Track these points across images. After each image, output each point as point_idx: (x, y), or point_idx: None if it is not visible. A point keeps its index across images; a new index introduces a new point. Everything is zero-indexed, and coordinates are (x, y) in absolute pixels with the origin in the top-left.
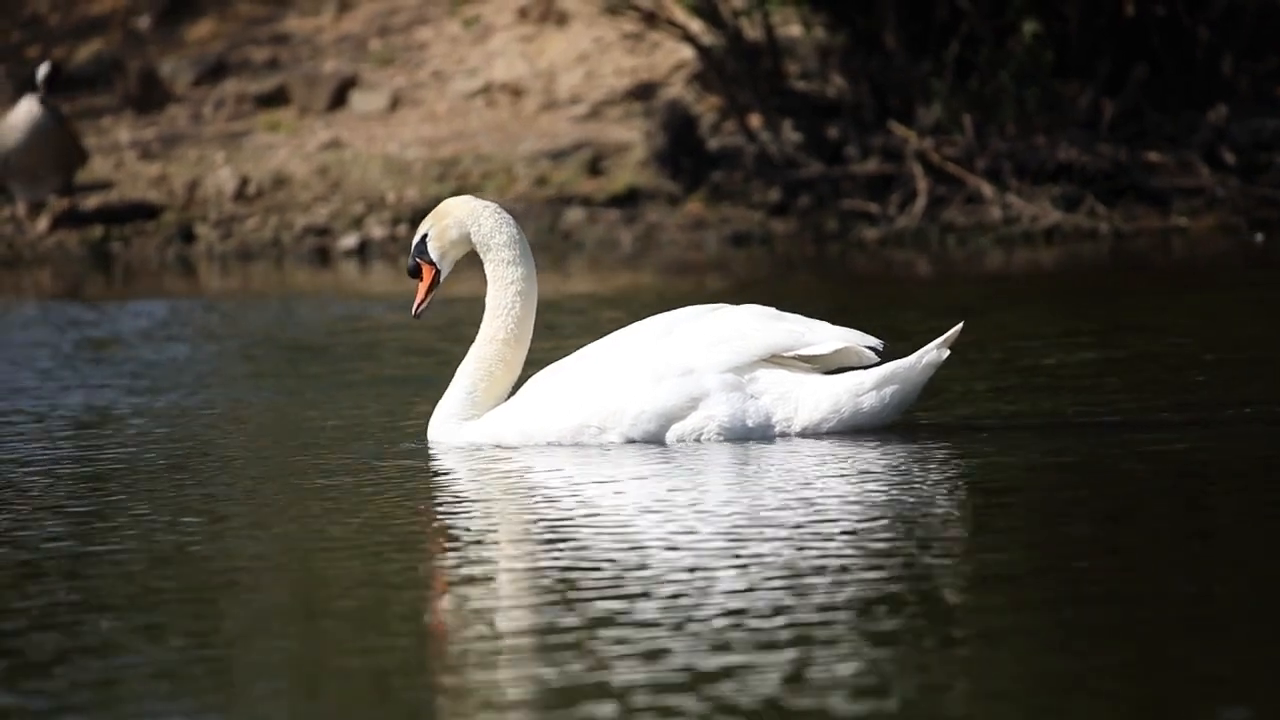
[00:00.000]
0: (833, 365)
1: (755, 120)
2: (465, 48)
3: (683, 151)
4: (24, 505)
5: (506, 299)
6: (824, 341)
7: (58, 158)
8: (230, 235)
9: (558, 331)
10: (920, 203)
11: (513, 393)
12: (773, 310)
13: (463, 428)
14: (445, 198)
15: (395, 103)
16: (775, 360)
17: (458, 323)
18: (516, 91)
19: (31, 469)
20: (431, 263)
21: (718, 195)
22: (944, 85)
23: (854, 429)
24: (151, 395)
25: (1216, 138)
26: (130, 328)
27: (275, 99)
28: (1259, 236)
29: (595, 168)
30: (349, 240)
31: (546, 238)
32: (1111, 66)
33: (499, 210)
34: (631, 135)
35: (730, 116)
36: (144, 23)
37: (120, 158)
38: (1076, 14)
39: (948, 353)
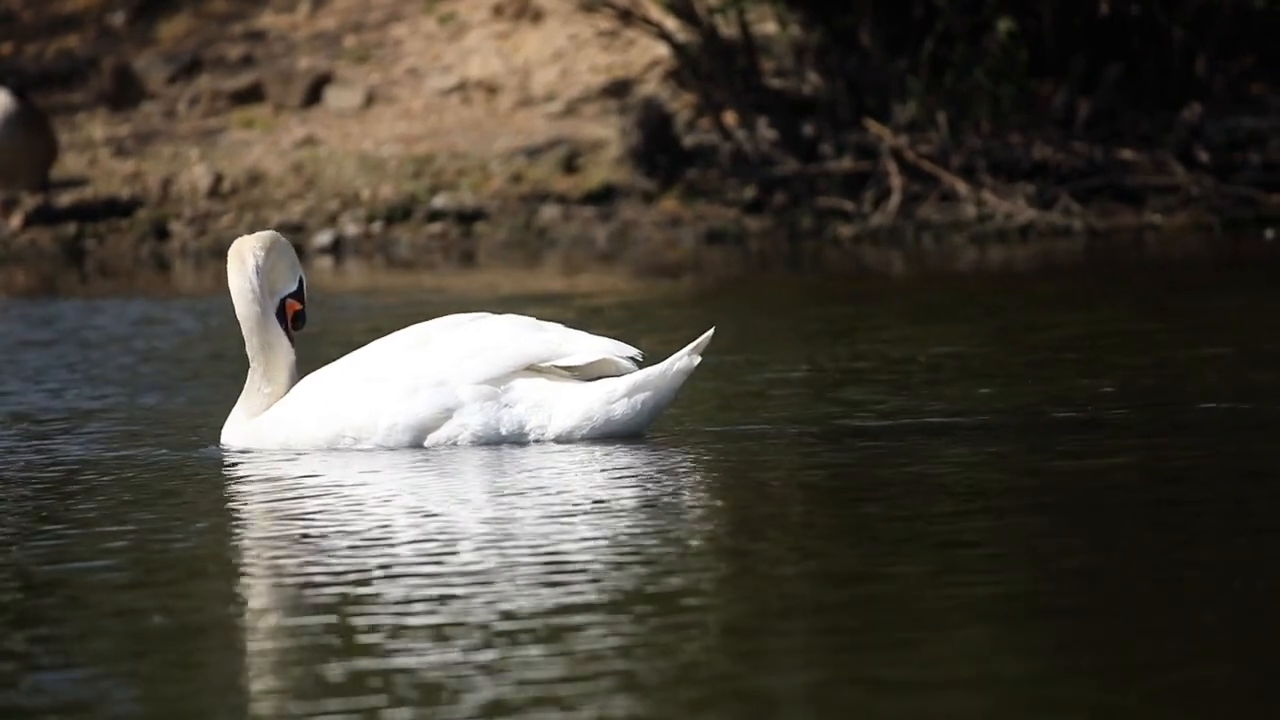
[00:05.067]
0: (593, 375)
1: (730, 118)
2: (440, 45)
3: (658, 149)
4: None
5: (246, 329)
6: (580, 352)
7: (31, 154)
8: (205, 232)
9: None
10: (895, 200)
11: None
12: (532, 320)
13: (237, 432)
14: (419, 195)
15: (370, 100)
16: (534, 370)
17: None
18: (491, 89)
19: None
20: (291, 298)
21: (693, 192)
22: (919, 83)
23: (608, 435)
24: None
25: (1191, 136)
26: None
27: (250, 96)
28: (1269, 233)
29: (570, 165)
30: (323, 237)
31: (522, 235)
32: (1086, 65)
33: (237, 248)
34: (607, 132)
35: (705, 114)
36: (118, 19)
37: (94, 154)
38: (1051, 12)
39: (699, 359)
